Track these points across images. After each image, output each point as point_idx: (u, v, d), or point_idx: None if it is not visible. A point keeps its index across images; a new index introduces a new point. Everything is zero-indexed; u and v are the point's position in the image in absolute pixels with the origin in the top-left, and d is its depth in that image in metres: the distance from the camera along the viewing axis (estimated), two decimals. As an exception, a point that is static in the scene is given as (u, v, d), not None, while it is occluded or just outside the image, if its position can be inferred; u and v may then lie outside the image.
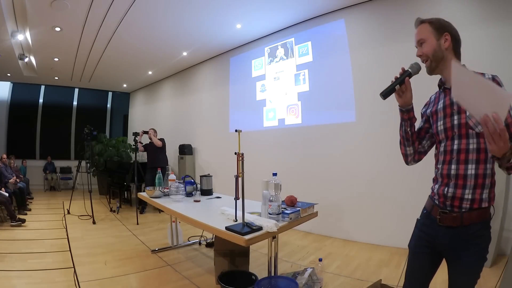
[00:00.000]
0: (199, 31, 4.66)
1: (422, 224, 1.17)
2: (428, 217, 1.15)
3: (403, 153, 1.24)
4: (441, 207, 1.08)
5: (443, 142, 1.10)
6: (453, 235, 1.05)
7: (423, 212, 1.20)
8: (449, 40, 1.07)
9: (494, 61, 2.79)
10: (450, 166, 1.06)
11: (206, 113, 6.21)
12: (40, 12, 3.86)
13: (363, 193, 3.53)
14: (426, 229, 1.15)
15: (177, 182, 2.73)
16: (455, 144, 1.05)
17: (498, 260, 2.60)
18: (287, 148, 4.42)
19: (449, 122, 1.07)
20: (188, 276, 2.51)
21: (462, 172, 1.03)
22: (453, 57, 1.07)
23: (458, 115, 1.04)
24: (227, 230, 1.66)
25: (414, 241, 1.21)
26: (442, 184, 1.09)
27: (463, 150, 1.03)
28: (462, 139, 1.03)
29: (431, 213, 1.13)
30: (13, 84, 8.09)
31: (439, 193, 1.10)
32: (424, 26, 1.11)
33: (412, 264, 1.21)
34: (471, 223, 1.01)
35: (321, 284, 2.12)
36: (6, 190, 4.48)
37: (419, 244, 1.17)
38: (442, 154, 1.10)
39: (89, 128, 4.84)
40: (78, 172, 5.09)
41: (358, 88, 3.67)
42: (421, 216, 1.20)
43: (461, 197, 1.03)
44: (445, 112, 1.09)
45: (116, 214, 4.93)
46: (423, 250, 1.16)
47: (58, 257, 2.90)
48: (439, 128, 1.10)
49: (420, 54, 1.11)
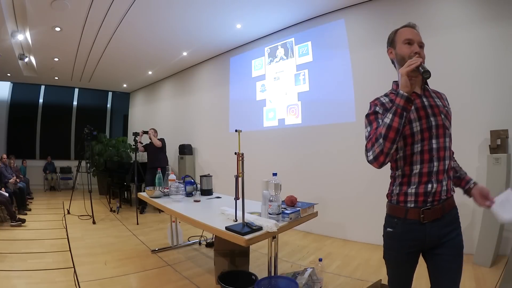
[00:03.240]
0: (199, 31, 4.66)
1: (401, 233, 1.14)
2: (404, 224, 1.13)
3: (386, 151, 1.05)
4: (420, 206, 1.10)
5: (419, 143, 1.11)
6: (440, 225, 1.10)
7: (393, 221, 1.16)
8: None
9: (494, 61, 2.79)
10: (431, 164, 1.10)
11: (206, 113, 6.21)
12: (40, 12, 3.86)
13: (363, 193, 3.53)
14: (408, 236, 1.13)
15: (177, 182, 2.73)
16: (434, 143, 1.10)
17: (498, 260, 2.60)
18: (287, 148, 4.42)
19: (425, 124, 1.11)
20: (188, 276, 2.51)
21: (442, 167, 1.11)
22: None
23: (434, 117, 1.12)
24: (227, 230, 1.66)
25: (394, 252, 1.19)
26: (422, 183, 1.10)
27: (441, 148, 1.11)
28: (439, 138, 1.11)
29: (407, 217, 1.12)
30: (13, 84, 8.10)
31: (418, 193, 1.11)
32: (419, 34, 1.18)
33: (397, 272, 1.23)
34: (450, 209, 1.14)
35: (321, 284, 2.12)
36: (6, 190, 4.48)
37: (401, 253, 1.17)
38: (419, 154, 1.11)
39: (89, 128, 4.84)
40: (78, 172, 5.09)
41: (358, 88, 3.67)
42: (393, 226, 1.16)
43: (441, 190, 1.10)
44: (419, 114, 1.12)
45: (116, 214, 4.93)
46: (406, 258, 1.17)
47: (58, 257, 2.90)
48: (415, 129, 1.11)
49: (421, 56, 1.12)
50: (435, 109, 1.13)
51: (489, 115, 2.80)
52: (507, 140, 2.63)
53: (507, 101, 2.71)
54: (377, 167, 1.11)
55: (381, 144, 1.06)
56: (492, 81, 2.78)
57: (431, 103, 1.14)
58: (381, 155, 1.07)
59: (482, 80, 2.86)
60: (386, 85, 1.16)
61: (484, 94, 2.84)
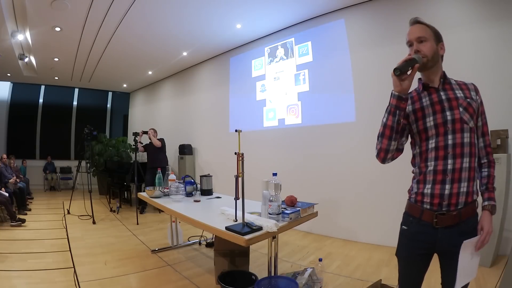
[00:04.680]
0: (199, 31, 4.66)
1: (414, 233, 1.13)
2: (418, 224, 1.11)
3: (384, 148, 1.11)
4: (435, 209, 1.07)
5: (433, 138, 1.09)
6: (453, 233, 1.05)
7: (408, 219, 1.16)
8: (443, 49, 1.15)
9: (494, 61, 2.79)
10: (446, 161, 1.05)
11: (206, 113, 6.21)
12: (40, 12, 3.86)
13: (363, 193, 3.53)
14: (421, 237, 1.11)
15: (177, 182, 2.73)
16: (449, 139, 1.06)
17: (498, 260, 2.60)
18: (287, 148, 4.42)
19: (440, 118, 1.08)
20: (188, 276, 2.51)
21: (459, 165, 1.04)
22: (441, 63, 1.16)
23: (451, 111, 1.08)
24: (227, 230, 1.66)
25: (406, 251, 1.18)
26: (437, 182, 1.06)
27: (458, 144, 1.05)
28: (456, 134, 1.06)
29: (422, 218, 1.10)
30: (13, 84, 8.09)
31: (434, 193, 1.07)
32: (423, 27, 1.12)
33: (407, 271, 1.21)
34: (468, 217, 1.06)
35: (321, 284, 2.12)
36: (6, 190, 4.47)
37: (413, 252, 1.15)
38: (433, 150, 1.08)
39: (89, 128, 4.84)
40: (78, 172, 5.09)
41: (358, 88, 3.67)
42: (408, 225, 1.16)
43: (458, 192, 1.04)
44: (434, 108, 1.10)
45: (116, 214, 4.93)
46: (417, 258, 1.15)
47: (58, 257, 2.90)
48: (428, 124, 1.10)
49: (419, 50, 1.10)
50: (453, 102, 1.08)
51: (489, 115, 2.78)
52: (507, 140, 2.64)
53: (507, 101, 2.71)
54: (380, 162, 1.16)
55: (380, 141, 1.12)
56: (492, 81, 2.78)
57: (449, 96, 1.10)
58: (381, 152, 1.13)
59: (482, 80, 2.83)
60: (386, 85, 1.16)
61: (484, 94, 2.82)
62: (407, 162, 1.25)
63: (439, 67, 1.14)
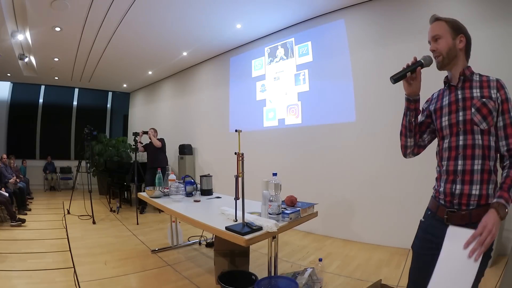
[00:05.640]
0: (199, 31, 4.66)
1: (428, 225, 1.16)
2: (433, 218, 1.14)
3: (403, 144, 1.23)
4: (448, 206, 1.08)
5: (447, 138, 1.10)
6: None
7: (427, 213, 1.19)
8: (463, 41, 1.13)
9: (494, 61, 2.78)
10: (457, 162, 1.06)
11: (206, 113, 6.21)
12: (40, 12, 3.86)
13: (363, 193, 3.53)
14: (432, 230, 1.13)
15: (177, 182, 2.73)
16: (461, 140, 1.06)
17: (498, 260, 2.60)
18: (287, 148, 4.42)
19: (454, 118, 1.08)
20: (188, 276, 2.51)
21: (469, 167, 1.03)
22: (464, 57, 1.14)
23: (464, 111, 1.07)
24: (227, 230, 1.66)
25: (418, 243, 1.19)
26: (448, 181, 1.08)
27: (469, 145, 1.04)
28: (467, 135, 1.05)
29: (437, 213, 1.12)
30: (13, 84, 8.09)
31: (446, 192, 1.08)
32: (440, 24, 1.14)
33: (417, 265, 1.20)
34: (479, 219, 0.99)
35: (321, 284, 2.12)
36: (6, 190, 4.47)
37: (424, 246, 1.16)
38: (447, 150, 1.10)
39: (89, 128, 4.84)
40: (78, 172, 5.09)
41: (358, 88, 3.67)
42: (425, 218, 1.19)
43: (469, 193, 1.03)
44: (450, 108, 1.10)
45: (116, 214, 4.93)
46: (428, 252, 1.13)
47: (58, 257, 2.90)
48: (444, 123, 1.11)
49: (434, 49, 1.13)
50: (467, 102, 1.06)
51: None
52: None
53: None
54: (404, 156, 1.28)
55: (400, 138, 1.25)
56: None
57: (464, 96, 1.08)
58: (401, 148, 1.26)
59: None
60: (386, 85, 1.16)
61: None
62: (406, 163, 1.27)
63: (460, 62, 1.13)
